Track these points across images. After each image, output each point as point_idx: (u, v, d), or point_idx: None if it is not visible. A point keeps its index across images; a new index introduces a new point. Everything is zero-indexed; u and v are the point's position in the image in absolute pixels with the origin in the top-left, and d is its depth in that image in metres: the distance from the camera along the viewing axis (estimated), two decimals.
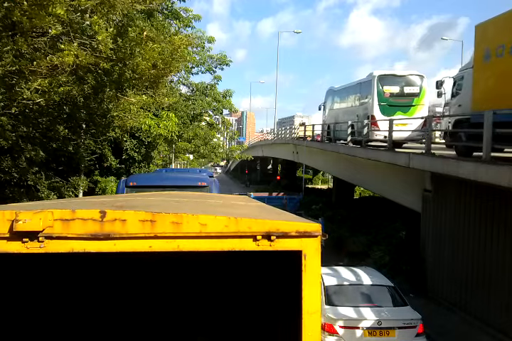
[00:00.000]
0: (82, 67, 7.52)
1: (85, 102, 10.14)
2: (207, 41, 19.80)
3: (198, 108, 21.22)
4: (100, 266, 4.66)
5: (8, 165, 10.71)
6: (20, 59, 7.16)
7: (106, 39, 7.15)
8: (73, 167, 14.30)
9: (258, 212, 3.80)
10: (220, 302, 5.16)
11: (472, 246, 10.42)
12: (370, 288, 8.73)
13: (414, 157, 12.29)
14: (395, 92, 16.07)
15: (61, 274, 4.74)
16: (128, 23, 9.15)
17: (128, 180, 9.96)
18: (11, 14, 6.46)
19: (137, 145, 16.72)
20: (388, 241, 16.05)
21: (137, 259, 3.79)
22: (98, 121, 11.23)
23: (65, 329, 4.81)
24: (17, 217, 2.62)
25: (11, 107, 7.94)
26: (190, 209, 3.19)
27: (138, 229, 2.73)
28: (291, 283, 3.28)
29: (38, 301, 4.59)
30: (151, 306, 5.15)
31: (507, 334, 8.93)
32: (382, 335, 7.58)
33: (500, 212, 9.54)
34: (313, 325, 2.84)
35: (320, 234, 2.88)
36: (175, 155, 28.31)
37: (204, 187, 9.35)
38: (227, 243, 2.81)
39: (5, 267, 3.83)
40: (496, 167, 8.69)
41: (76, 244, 2.72)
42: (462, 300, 10.66)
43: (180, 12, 17.22)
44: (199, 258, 3.90)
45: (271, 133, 47.79)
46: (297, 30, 45.59)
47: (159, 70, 9.28)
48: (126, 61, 8.73)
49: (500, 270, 9.41)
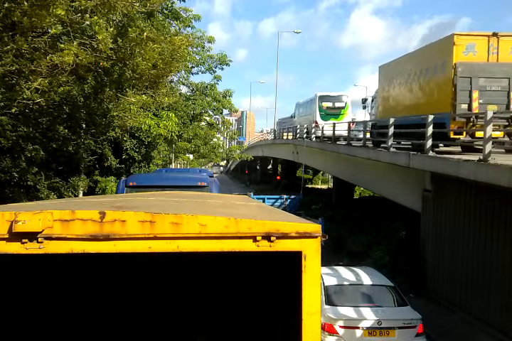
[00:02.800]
0: (82, 66, 7.51)
1: (85, 102, 10.13)
2: (207, 41, 19.81)
3: (198, 108, 21.22)
4: (99, 265, 4.66)
5: (8, 165, 10.70)
6: (20, 59, 7.16)
7: (106, 39, 7.15)
8: (73, 167, 14.31)
9: (258, 213, 3.80)
10: (220, 302, 5.16)
11: (472, 246, 10.42)
12: (370, 288, 8.73)
13: (414, 157, 12.29)
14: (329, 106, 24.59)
15: (61, 274, 4.74)
16: (128, 23, 9.14)
17: (128, 180, 9.95)
18: (12, 14, 6.46)
19: (137, 145, 16.72)
20: (388, 241, 16.05)
21: (136, 259, 3.78)
22: (98, 121, 11.23)
23: (65, 329, 4.81)
24: (16, 218, 2.62)
25: (10, 107, 7.94)
26: (190, 210, 3.19)
27: (137, 229, 2.72)
28: (291, 284, 3.28)
29: (37, 302, 4.59)
30: (151, 306, 5.15)
31: (507, 334, 8.93)
32: (382, 335, 7.59)
33: (500, 212, 9.53)
34: (313, 326, 2.84)
35: (320, 234, 2.87)
36: (175, 155, 28.31)
37: (204, 187, 9.34)
38: (227, 244, 2.80)
39: (4, 268, 3.83)
40: (495, 167, 8.69)
41: (75, 244, 2.72)
42: (462, 300, 10.66)
43: (180, 12, 17.22)
44: (199, 258, 3.90)
45: (271, 133, 48.04)
46: (297, 30, 45.70)
47: (159, 70, 9.28)
48: (126, 61, 8.72)
49: (500, 270, 9.41)
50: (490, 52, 11.66)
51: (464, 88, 11.36)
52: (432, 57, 13.08)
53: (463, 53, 11.60)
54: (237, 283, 5.08)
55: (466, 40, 11.70)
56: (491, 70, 11.42)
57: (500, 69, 11.40)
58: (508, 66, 11.39)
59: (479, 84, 11.32)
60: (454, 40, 11.64)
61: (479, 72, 11.36)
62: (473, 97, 11.29)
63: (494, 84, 11.34)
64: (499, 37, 11.67)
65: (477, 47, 11.64)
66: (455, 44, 11.62)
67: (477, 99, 11.29)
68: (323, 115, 24.42)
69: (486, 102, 11.23)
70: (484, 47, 11.63)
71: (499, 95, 11.35)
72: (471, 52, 11.63)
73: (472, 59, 11.61)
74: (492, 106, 11.08)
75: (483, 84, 11.33)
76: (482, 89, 11.32)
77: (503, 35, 11.70)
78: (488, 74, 11.36)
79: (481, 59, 11.63)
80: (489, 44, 11.67)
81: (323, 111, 24.56)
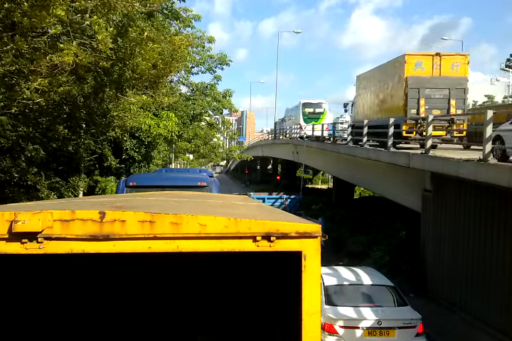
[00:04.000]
0: (82, 66, 7.51)
1: (85, 102, 10.13)
2: (207, 41, 19.79)
3: (198, 108, 21.21)
4: (99, 265, 4.65)
5: (8, 165, 10.71)
6: (20, 59, 7.16)
7: (106, 39, 7.14)
8: (73, 167, 14.31)
9: (258, 212, 3.80)
10: (220, 302, 5.16)
11: (472, 246, 10.42)
12: (370, 288, 8.73)
13: (415, 157, 12.29)
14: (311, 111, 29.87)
15: (61, 274, 4.74)
16: (128, 23, 9.13)
17: (128, 180, 9.95)
18: (11, 14, 6.46)
19: (137, 145, 16.71)
20: (388, 241, 16.05)
21: (136, 259, 3.78)
22: (98, 120, 11.22)
23: (65, 329, 4.81)
24: (16, 218, 2.61)
25: (10, 107, 7.94)
26: (190, 210, 3.19)
27: (137, 229, 2.72)
28: (291, 284, 3.28)
29: (37, 302, 4.59)
30: (151, 306, 5.14)
31: (507, 334, 8.93)
32: (382, 335, 7.58)
33: (500, 212, 9.53)
34: (313, 326, 2.84)
35: (320, 234, 2.87)
36: (175, 155, 28.31)
37: (204, 187, 9.34)
38: (227, 244, 2.80)
39: (4, 268, 3.82)
40: (496, 167, 8.70)
41: (75, 244, 2.71)
42: (462, 300, 10.66)
43: (180, 12, 17.22)
44: (199, 258, 3.90)
45: (271, 133, 48.41)
46: (297, 30, 45.81)
47: (159, 70, 9.27)
48: (126, 61, 8.72)
49: (500, 270, 9.40)
50: (434, 68, 14.54)
51: (414, 96, 14.16)
52: (391, 71, 16.00)
53: (413, 69, 14.54)
54: (237, 283, 5.08)
55: (415, 58, 14.71)
56: (435, 82, 14.25)
57: (442, 81, 14.26)
58: (448, 79, 14.26)
59: (425, 94, 14.11)
60: (405, 59, 14.58)
61: (425, 84, 14.18)
62: (420, 104, 14.07)
63: (437, 93, 14.20)
64: (441, 56, 14.60)
65: (424, 64, 14.55)
66: (406, 62, 14.55)
67: (423, 106, 14.06)
68: (305, 119, 29.69)
69: (431, 108, 13.95)
70: (429, 64, 14.53)
71: (441, 102, 14.14)
72: (419, 68, 14.59)
73: (420, 73, 14.48)
74: (436, 110, 13.91)
75: (429, 93, 14.15)
76: (427, 97, 14.13)
77: (444, 55, 14.72)
78: (432, 85, 14.19)
79: (427, 73, 14.48)
80: (433, 62, 14.55)
81: (306, 115, 29.95)
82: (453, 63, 14.66)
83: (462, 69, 14.54)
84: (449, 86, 14.11)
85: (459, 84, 14.21)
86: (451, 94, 14.05)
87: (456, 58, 14.78)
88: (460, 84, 14.23)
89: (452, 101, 14.02)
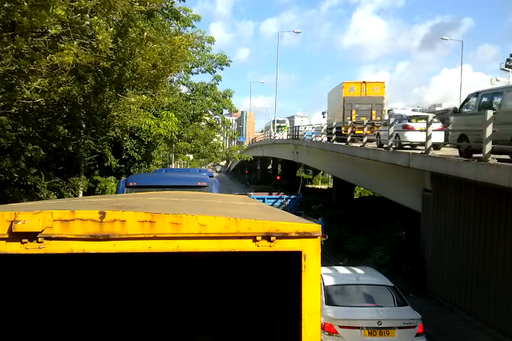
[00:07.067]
0: (82, 66, 7.51)
1: (85, 102, 10.12)
2: (207, 41, 19.81)
3: (198, 108, 21.20)
4: (99, 265, 4.66)
5: (8, 165, 10.70)
6: (20, 59, 7.16)
7: (106, 39, 7.15)
8: (73, 167, 14.30)
9: (258, 212, 3.80)
10: (220, 302, 5.16)
11: (472, 246, 10.42)
12: (370, 288, 8.73)
13: (414, 157, 12.29)
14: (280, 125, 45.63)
15: (61, 274, 4.74)
16: (128, 23, 9.13)
17: (128, 180, 9.93)
18: (12, 14, 6.46)
19: (137, 145, 16.70)
20: (388, 241, 16.04)
21: (136, 258, 3.78)
22: (98, 120, 11.22)
23: (65, 328, 4.81)
24: (16, 218, 2.61)
25: (10, 107, 7.93)
26: (190, 210, 3.19)
27: (137, 229, 2.72)
28: (291, 284, 3.28)
29: (37, 301, 4.59)
30: (151, 306, 5.15)
31: (507, 334, 8.93)
32: (382, 335, 7.58)
33: (500, 211, 9.53)
34: (313, 326, 2.84)
35: (320, 234, 2.87)
36: (175, 155, 28.30)
37: (204, 187, 9.33)
38: (227, 244, 2.80)
39: (4, 268, 3.83)
40: (495, 167, 8.69)
41: (75, 244, 2.71)
42: (462, 300, 10.66)
43: (180, 12, 17.23)
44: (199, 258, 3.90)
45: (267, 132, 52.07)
46: (297, 30, 45.97)
47: (159, 70, 9.28)
48: (126, 61, 8.72)
49: (500, 270, 9.41)
50: (362, 91, 22.73)
51: (348, 109, 22.41)
52: (337, 93, 24.58)
53: (348, 91, 22.72)
54: (237, 282, 5.08)
55: (350, 84, 23.04)
56: (362, 100, 22.52)
57: (367, 99, 22.52)
58: (370, 98, 22.52)
59: (356, 107, 22.36)
60: (343, 85, 23.00)
61: (356, 101, 22.45)
62: (352, 114, 22.23)
63: (363, 106, 22.38)
64: (366, 83, 22.94)
65: (355, 88, 22.81)
66: (344, 87, 22.89)
67: (354, 115, 22.18)
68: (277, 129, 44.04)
69: (360, 116, 21.87)
70: (359, 88, 22.81)
71: (366, 112, 22.16)
72: (352, 91, 22.76)
73: (353, 94, 22.70)
74: (363, 117, 21.13)
75: (358, 107, 22.38)
76: (357, 109, 22.35)
77: (368, 82, 23.04)
78: (360, 102, 22.46)
79: (357, 94, 22.73)
80: (361, 87, 22.81)
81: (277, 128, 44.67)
82: (374, 87, 22.76)
83: (381, 91, 22.81)
84: (371, 102, 22.32)
85: (378, 100, 22.51)
86: (373, 107, 22.22)
87: (377, 84, 23.07)
88: (379, 100, 22.57)
89: (373, 111, 22.23)
